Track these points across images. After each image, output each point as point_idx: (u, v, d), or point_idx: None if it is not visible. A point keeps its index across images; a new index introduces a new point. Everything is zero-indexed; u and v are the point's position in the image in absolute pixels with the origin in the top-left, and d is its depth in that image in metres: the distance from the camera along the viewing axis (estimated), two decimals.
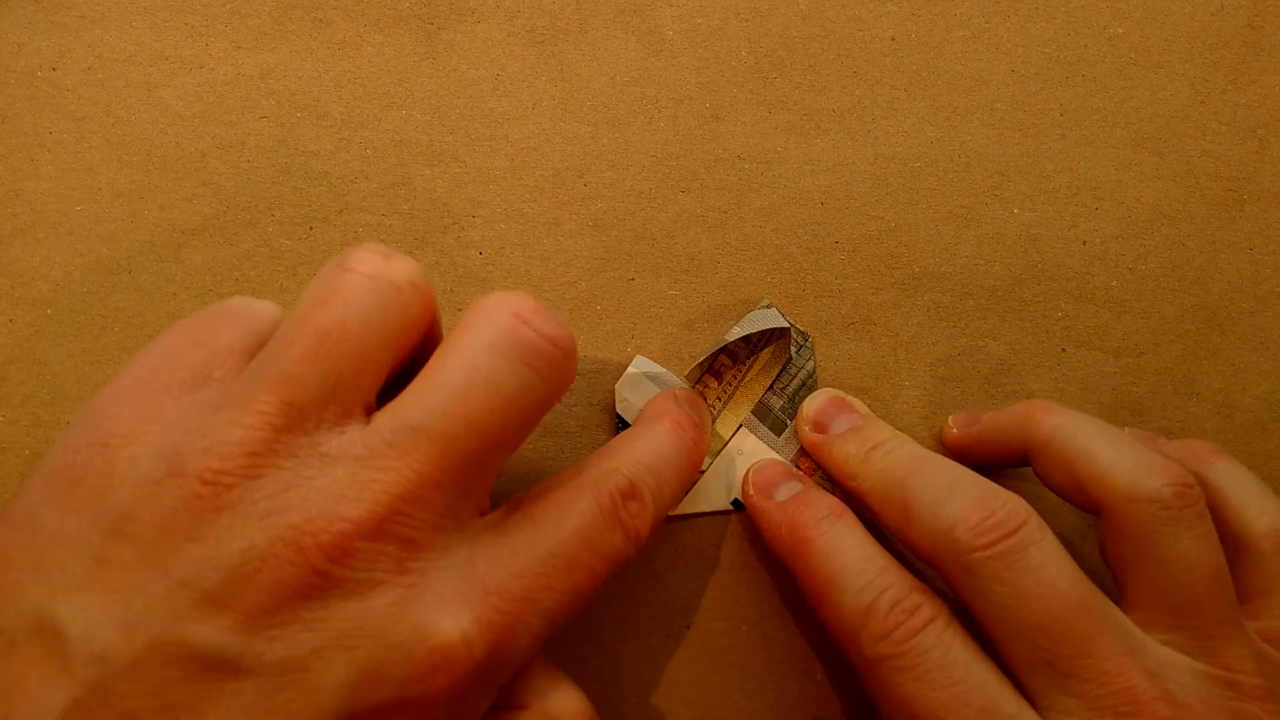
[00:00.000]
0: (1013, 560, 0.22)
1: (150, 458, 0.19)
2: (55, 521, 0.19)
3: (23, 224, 0.29)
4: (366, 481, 0.19)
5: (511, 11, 0.32)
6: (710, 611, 0.27)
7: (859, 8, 0.32)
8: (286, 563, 0.18)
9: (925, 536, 0.24)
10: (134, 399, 0.20)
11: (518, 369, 0.20)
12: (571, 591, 0.21)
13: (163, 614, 0.17)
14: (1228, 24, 0.32)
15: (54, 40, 0.31)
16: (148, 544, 0.18)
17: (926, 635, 0.22)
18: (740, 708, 0.27)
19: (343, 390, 0.20)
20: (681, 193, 0.30)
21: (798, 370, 0.29)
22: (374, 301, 0.20)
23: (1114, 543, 0.24)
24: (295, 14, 0.31)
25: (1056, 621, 0.22)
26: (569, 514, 0.21)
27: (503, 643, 0.19)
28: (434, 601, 0.19)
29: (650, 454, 0.24)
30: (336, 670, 0.18)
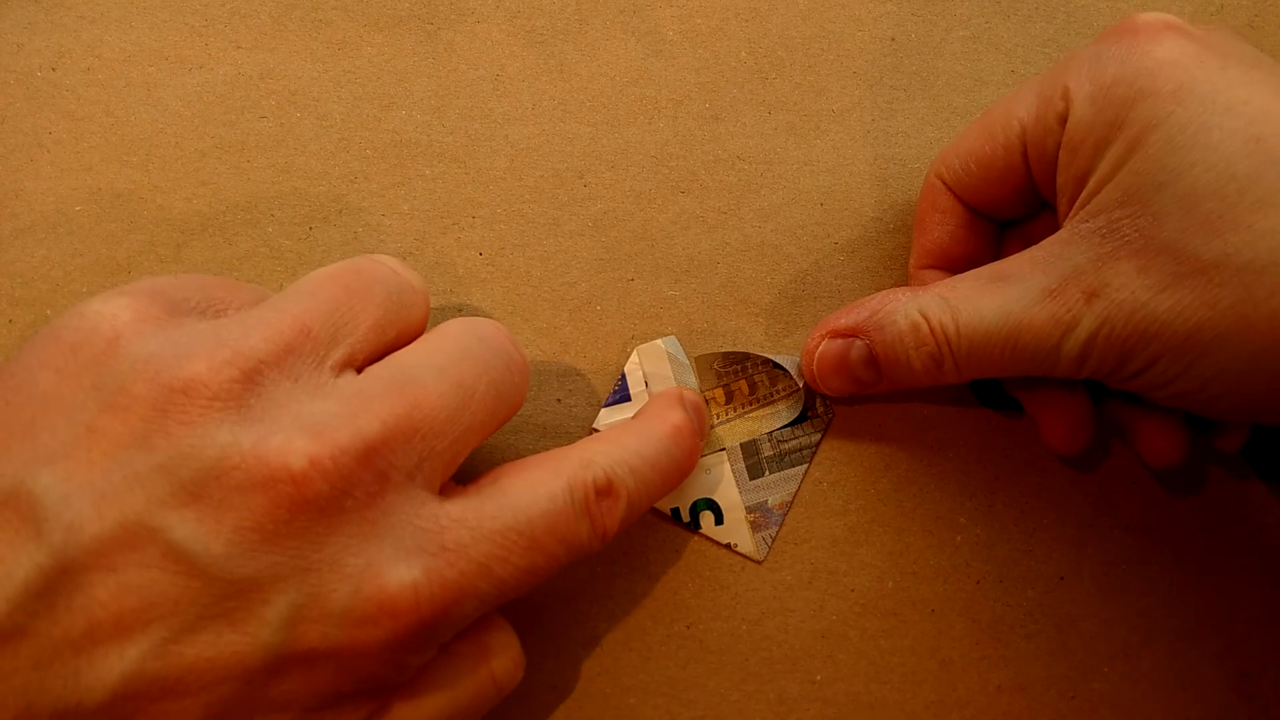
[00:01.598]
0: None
1: (160, 340, 0.19)
2: (52, 383, 0.19)
3: (22, 224, 0.29)
4: (358, 411, 0.19)
5: (511, 11, 0.32)
6: (710, 611, 0.27)
7: (859, 8, 0.32)
8: (265, 466, 0.18)
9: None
10: (151, 295, 0.21)
11: (499, 361, 0.22)
12: (527, 569, 0.21)
13: (138, 495, 0.18)
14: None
15: (54, 40, 0.31)
16: (139, 421, 0.18)
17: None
18: (740, 708, 0.27)
19: (354, 340, 0.21)
20: (681, 193, 0.30)
21: (803, 435, 0.28)
22: (394, 287, 0.22)
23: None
24: (295, 14, 0.31)
25: None
26: (541, 495, 0.22)
27: (450, 602, 0.20)
28: (393, 545, 0.19)
29: (639, 455, 0.24)
30: (287, 588, 0.18)
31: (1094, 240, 0.22)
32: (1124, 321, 0.22)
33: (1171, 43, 0.22)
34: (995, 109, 0.26)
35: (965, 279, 0.25)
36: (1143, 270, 0.22)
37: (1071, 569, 0.28)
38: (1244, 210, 0.20)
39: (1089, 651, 0.27)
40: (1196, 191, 0.21)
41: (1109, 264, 0.22)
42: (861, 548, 0.28)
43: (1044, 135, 0.24)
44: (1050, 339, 0.23)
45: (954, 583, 0.27)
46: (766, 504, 0.28)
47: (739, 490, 0.28)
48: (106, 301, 0.20)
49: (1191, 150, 0.21)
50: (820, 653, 0.27)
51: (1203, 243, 0.21)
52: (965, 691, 0.27)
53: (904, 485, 0.28)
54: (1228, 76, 0.22)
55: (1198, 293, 0.21)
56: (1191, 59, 0.22)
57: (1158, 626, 0.27)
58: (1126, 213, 0.22)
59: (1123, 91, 0.22)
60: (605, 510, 0.22)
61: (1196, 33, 0.23)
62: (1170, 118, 0.21)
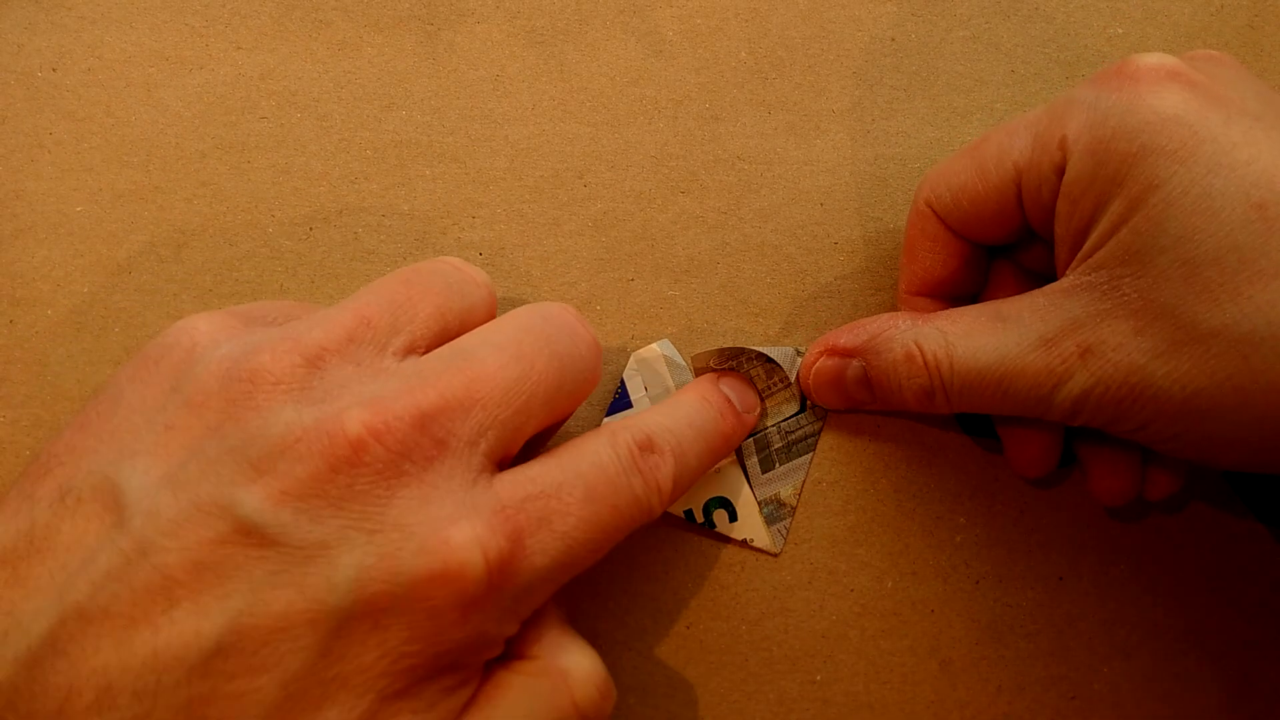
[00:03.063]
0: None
1: (232, 344, 0.21)
2: (137, 393, 0.21)
3: (23, 224, 0.29)
4: (417, 385, 0.20)
5: (511, 12, 0.32)
6: (710, 611, 0.27)
7: (859, 8, 0.32)
8: (325, 435, 0.19)
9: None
10: (228, 314, 0.23)
11: (564, 336, 0.23)
12: (591, 521, 0.21)
13: (210, 476, 0.19)
14: (1228, 24, 0.32)
15: (54, 41, 0.31)
16: (213, 414, 0.20)
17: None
18: (740, 708, 0.27)
19: (415, 328, 0.22)
20: (681, 193, 0.30)
21: (806, 424, 0.28)
22: (455, 279, 0.24)
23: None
24: (295, 15, 0.32)
25: None
26: (586, 453, 0.22)
27: (516, 556, 0.20)
28: (453, 504, 0.20)
29: (672, 417, 0.24)
30: (353, 550, 0.19)
31: (1093, 294, 0.22)
32: (1119, 383, 0.22)
33: (1174, 95, 0.22)
34: (988, 144, 0.25)
35: (966, 314, 0.25)
36: (1140, 332, 0.21)
37: (1071, 569, 0.28)
38: (1244, 280, 0.20)
39: (1089, 651, 0.27)
40: (1197, 258, 0.21)
41: (1107, 321, 0.22)
42: (861, 548, 0.28)
43: (1039, 182, 0.24)
44: (1042, 388, 0.23)
45: (954, 583, 0.27)
46: (779, 496, 0.28)
47: (751, 485, 0.28)
48: (188, 320, 0.22)
49: (1193, 215, 0.21)
50: (820, 653, 0.27)
51: (1202, 310, 0.21)
52: (965, 691, 0.27)
53: (904, 485, 0.28)
54: (1231, 134, 0.21)
55: (1195, 361, 0.21)
56: (1195, 114, 0.21)
57: (1158, 626, 0.27)
58: (1127, 271, 0.22)
59: (1123, 147, 0.22)
60: (653, 465, 0.23)
61: (1199, 79, 0.22)
62: (1172, 179, 0.21)
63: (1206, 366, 0.21)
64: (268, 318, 0.23)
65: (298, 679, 0.18)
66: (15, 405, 0.28)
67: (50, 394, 0.28)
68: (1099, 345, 0.22)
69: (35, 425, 0.28)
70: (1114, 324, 0.22)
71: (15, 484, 0.20)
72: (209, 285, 0.29)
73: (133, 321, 0.29)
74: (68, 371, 0.28)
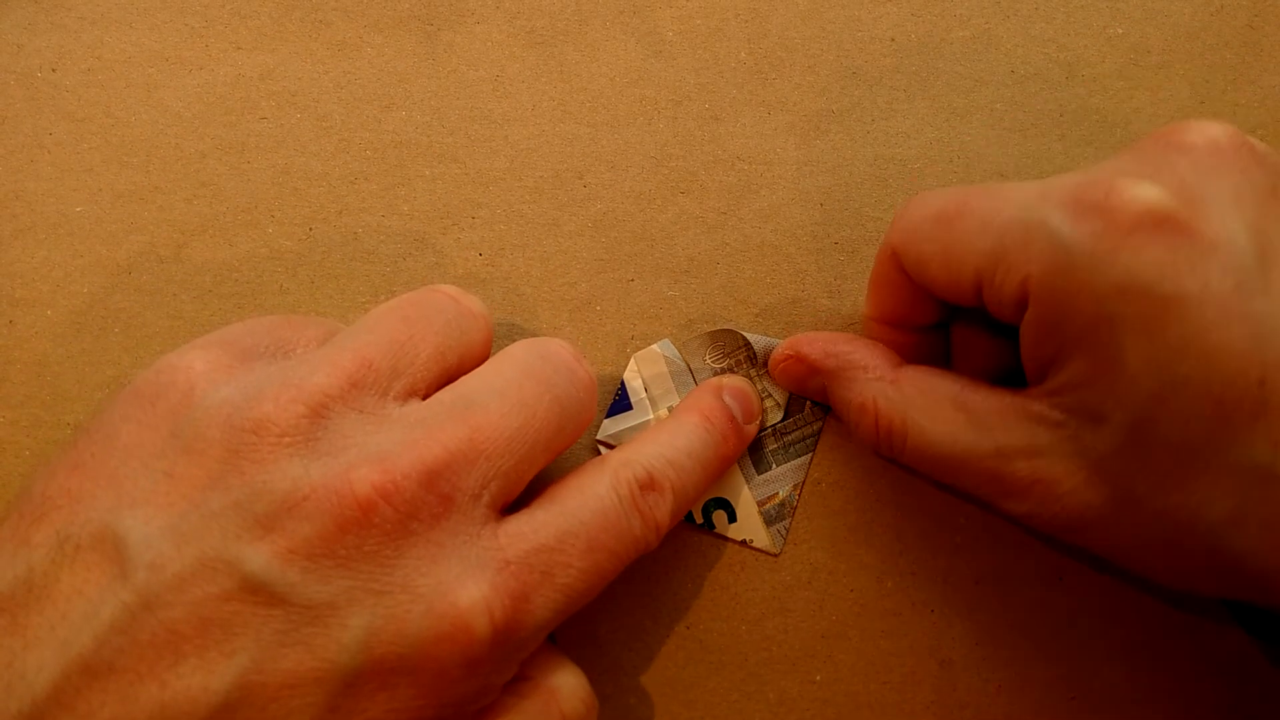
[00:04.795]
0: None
1: (231, 386, 0.20)
2: (133, 435, 0.20)
3: (23, 225, 0.29)
4: (421, 437, 0.20)
5: (511, 12, 0.32)
6: (710, 611, 0.27)
7: (859, 8, 0.32)
8: (334, 494, 0.19)
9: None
10: (222, 346, 0.22)
11: (562, 379, 0.23)
12: (591, 571, 0.22)
13: (215, 531, 0.19)
14: (1228, 24, 0.32)
15: (54, 41, 0.31)
16: (215, 462, 0.19)
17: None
18: (740, 708, 0.27)
19: (415, 370, 0.22)
20: (681, 194, 0.30)
21: (804, 425, 0.28)
22: (453, 314, 0.23)
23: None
24: (295, 15, 0.32)
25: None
26: (589, 498, 0.22)
27: (520, 612, 0.20)
28: (459, 564, 0.20)
29: (673, 447, 0.24)
30: (362, 611, 0.19)
31: (1054, 433, 0.22)
32: (1064, 522, 0.22)
33: (1153, 253, 0.20)
34: (960, 229, 0.23)
35: (932, 391, 0.25)
36: (1090, 486, 0.22)
37: (1071, 569, 0.28)
38: (1193, 474, 0.20)
39: (1089, 651, 0.27)
40: (1152, 440, 0.20)
41: (1062, 462, 0.22)
42: (861, 548, 0.28)
43: (998, 303, 0.23)
44: (989, 492, 0.23)
45: (954, 583, 0.27)
46: (778, 496, 0.28)
47: (749, 486, 0.28)
48: (181, 355, 0.21)
49: (1153, 400, 0.20)
50: (820, 653, 0.27)
51: (1148, 491, 0.21)
52: (965, 691, 0.27)
53: (904, 485, 0.28)
54: (1206, 310, 0.19)
55: (1135, 530, 0.21)
56: (1171, 283, 0.19)
57: (1158, 626, 0.27)
58: (1086, 427, 0.21)
59: (1089, 308, 0.20)
60: (653, 504, 0.23)
61: (1188, 220, 0.20)
62: (1137, 357, 0.20)
63: (1144, 536, 0.21)
64: (260, 346, 0.22)
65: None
66: (15, 405, 0.28)
67: (50, 394, 0.28)
68: (1052, 483, 0.22)
69: (35, 425, 0.28)
70: (1068, 468, 0.22)
71: (6, 522, 0.20)
72: (209, 285, 0.29)
73: (133, 322, 0.29)
74: (68, 371, 0.28)
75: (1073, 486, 0.22)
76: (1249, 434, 0.19)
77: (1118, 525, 0.22)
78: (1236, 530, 0.20)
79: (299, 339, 0.23)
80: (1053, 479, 0.22)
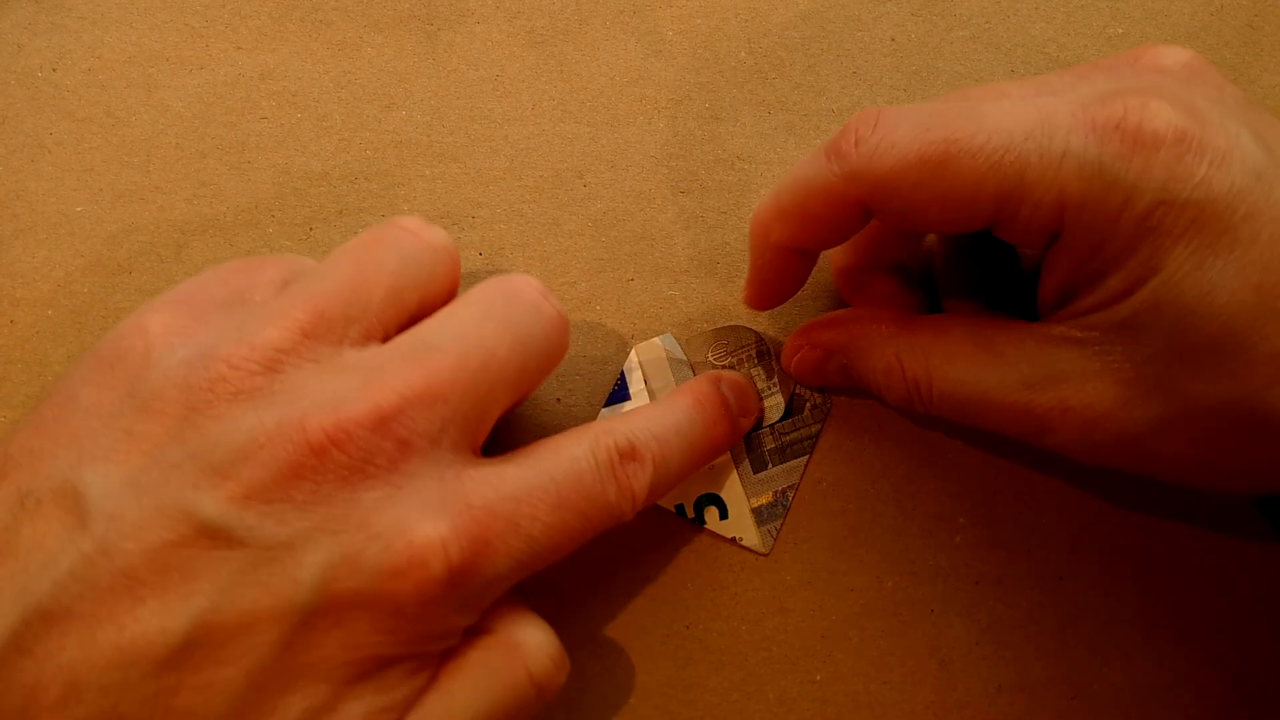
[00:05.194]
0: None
1: (187, 346, 0.21)
2: (93, 397, 0.21)
3: (23, 225, 0.29)
4: (378, 382, 0.20)
5: (511, 12, 0.32)
6: (710, 611, 0.27)
7: (859, 8, 0.32)
8: (288, 441, 0.19)
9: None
10: (179, 304, 0.22)
11: (526, 317, 0.22)
12: (558, 528, 0.21)
13: (172, 482, 0.19)
14: (1228, 24, 0.32)
15: (54, 41, 0.31)
16: (172, 420, 0.20)
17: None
18: (740, 708, 0.27)
19: (370, 315, 0.22)
20: (681, 193, 0.31)
21: (803, 426, 0.28)
22: (410, 250, 0.23)
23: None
24: (295, 15, 0.32)
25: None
26: (564, 456, 0.22)
27: (479, 556, 0.20)
28: (419, 505, 0.20)
29: (660, 422, 0.24)
30: (318, 550, 0.19)
31: (1082, 352, 0.22)
32: (1108, 444, 0.22)
33: (1183, 167, 0.20)
34: (956, 170, 0.22)
35: (951, 333, 0.24)
36: (1130, 403, 0.21)
37: (1071, 569, 0.28)
38: (1241, 365, 0.20)
39: (1089, 651, 0.27)
40: (1195, 342, 0.20)
41: (1093, 383, 0.22)
42: (861, 548, 0.28)
43: (1023, 233, 0.22)
44: (1023, 428, 0.23)
45: (954, 583, 0.27)
46: (771, 496, 0.28)
47: (743, 484, 0.28)
48: (140, 317, 0.22)
49: (1193, 300, 0.20)
50: (820, 653, 0.27)
51: (1197, 389, 0.21)
52: (965, 691, 0.27)
53: (904, 485, 0.28)
54: (1235, 208, 0.20)
55: (1189, 434, 0.21)
56: (1201, 190, 0.20)
57: (1158, 626, 0.27)
58: (1120, 340, 0.21)
59: (1128, 229, 0.21)
60: (631, 473, 0.23)
61: (1204, 135, 0.21)
62: (1174, 262, 0.20)
63: (1200, 440, 0.21)
64: (217, 297, 0.23)
65: (263, 670, 0.19)
66: (15, 405, 0.28)
67: None
68: (1085, 409, 0.22)
69: None
70: (1100, 387, 0.22)
71: None
72: None
73: None
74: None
75: (1110, 408, 0.22)
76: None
77: (1170, 437, 0.21)
78: None
79: (256, 284, 0.23)
80: (1085, 404, 0.22)
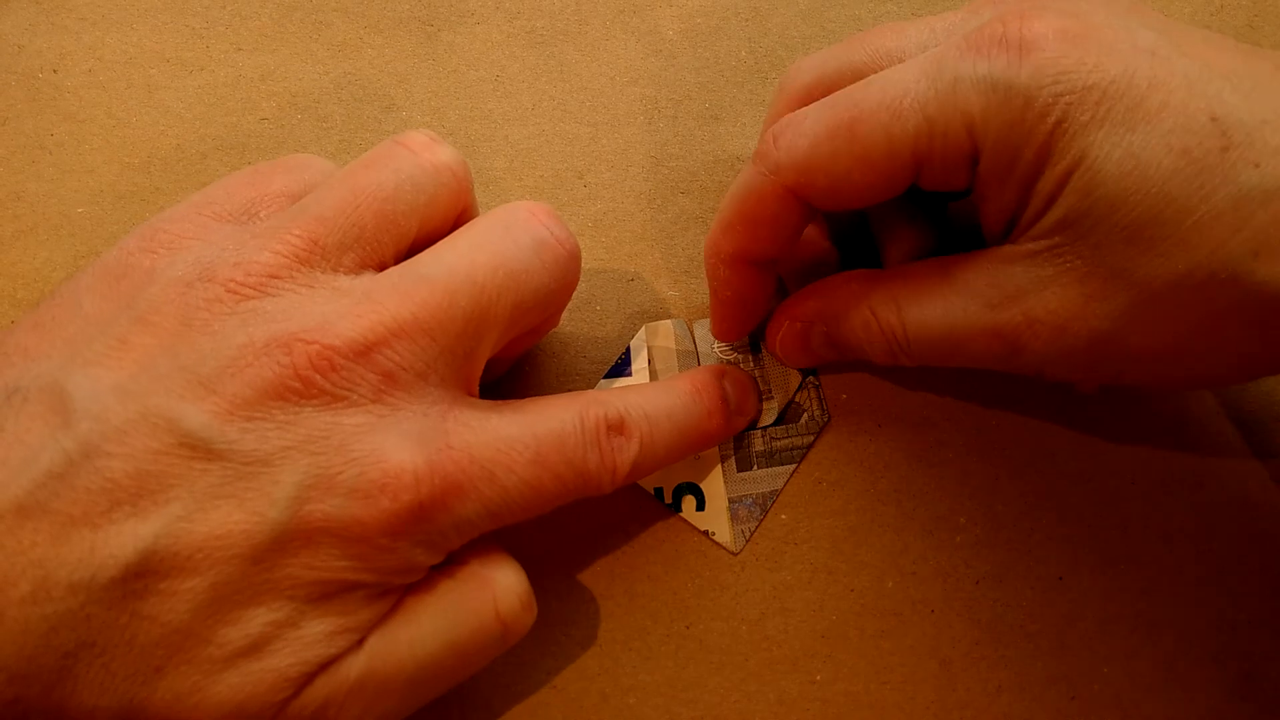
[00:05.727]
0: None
1: (187, 264, 0.21)
2: (94, 305, 0.21)
3: (24, 225, 0.30)
4: (366, 310, 0.21)
5: (511, 12, 0.32)
6: (710, 611, 0.27)
7: (859, 8, 0.32)
8: (274, 362, 0.20)
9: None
10: (187, 218, 0.23)
11: (524, 251, 0.22)
12: (531, 483, 0.22)
13: (159, 390, 0.20)
14: (1228, 24, 0.32)
15: (55, 42, 0.31)
16: (167, 334, 0.20)
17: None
18: (740, 708, 0.27)
19: (365, 241, 0.22)
20: (681, 194, 0.31)
21: (796, 435, 0.28)
22: (412, 172, 0.23)
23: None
24: (295, 16, 0.32)
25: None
26: (550, 417, 0.22)
27: (449, 496, 0.21)
28: (397, 435, 0.20)
29: (654, 403, 0.24)
30: (295, 469, 0.20)
31: (1035, 262, 0.22)
32: (1080, 352, 0.22)
33: (1070, 57, 0.21)
34: (866, 128, 0.22)
35: (915, 272, 0.25)
36: (1092, 297, 0.21)
37: (1071, 569, 0.28)
38: (1188, 230, 0.20)
39: (1089, 651, 0.27)
40: (1136, 220, 0.20)
41: (1050, 289, 0.22)
42: (861, 548, 0.28)
43: (945, 168, 0.23)
44: (996, 352, 0.23)
45: (954, 583, 0.27)
46: (750, 497, 0.28)
47: (724, 480, 0.28)
48: (150, 230, 0.22)
49: (1121, 179, 0.20)
50: (820, 653, 0.27)
51: (1153, 267, 0.20)
52: (965, 691, 0.27)
53: (904, 485, 0.28)
54: (1136, 82, 0.20)
55: (1160, 321, 0.21)
56: (1097, 72, 0.20)
57: (1158, 626, 0.27)
58: (1066, 240, 0.21)
59: (1039, 127, 0.21)
60: (616, 447, 0.23)
61: (1082, 27, 0.21)
62: (1093, 147, 0.20)
63: (1171, 322, 0.21)
64: (224, 211, 0.23)
65: (229, 582, 0.19)
66: None
67: None
68: (1046, 315, 0.22)
69: None
70: (1060, 292, 0.22)
71: None
72: None
73: None
74: None
75: (1074, 311, 0.22)
76: (1225, 166, 0.20)
77: (1139, 325, 0.21)
78: (1259, 260, 0.20)
79: (265, 196, 0.23)
80: (1048, 311, 0.22)
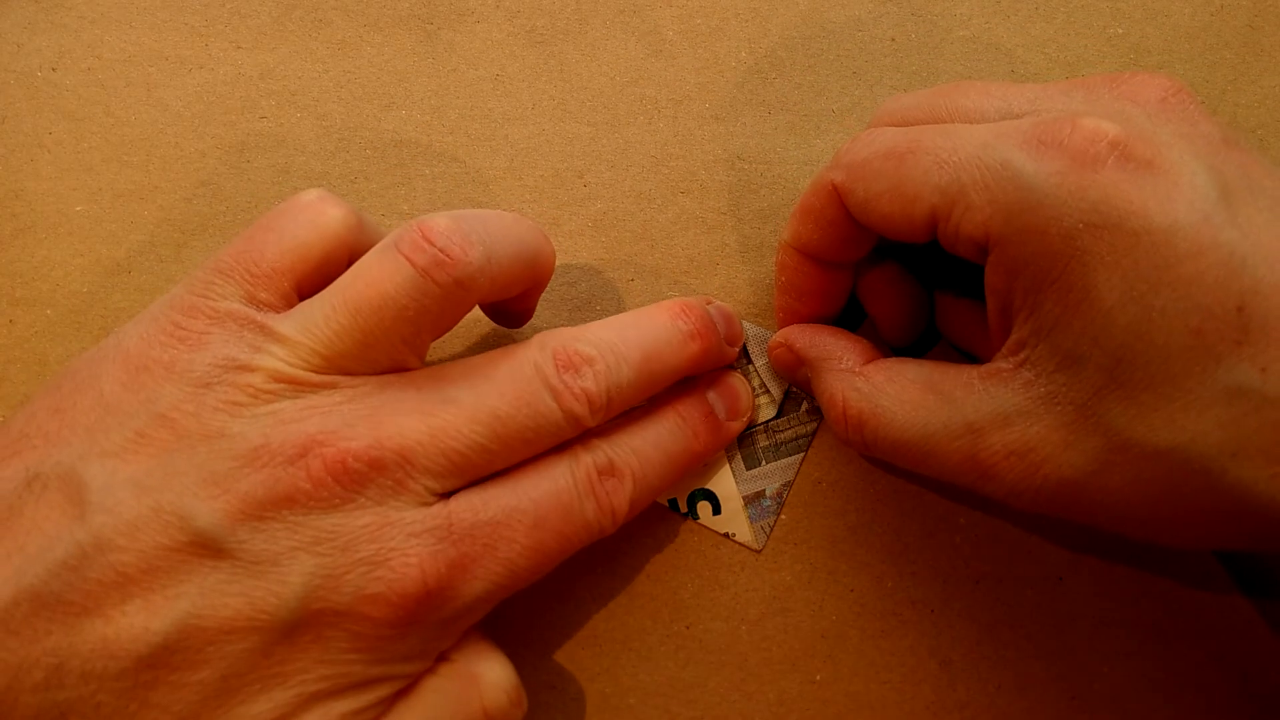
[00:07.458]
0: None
1: (207, 364, 0.22)
2: (115, 394, 0.21)
3: (23, 224, 0.29)
4: (386, 420, 0.21)
5: (511, 11, 0.32)
6: (710, 611, 0.27)
7: (859, 8, 0.32)
8: (288, 463, 0.20)
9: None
10: (201, 310, 0.22)
11: (547, 381, 0.23)
12: (535, 549, 0.22)
13: (174, 486, 0.20)
14: (1228, 24, 0.32)
15: (54, 40, 0.31)
16: (184, 431, 0.21)
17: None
18: (740, 708, 0.27)
19: (374, 352, 0.22)
20: (681, 194, 0.30)
21: (798, 425, 0.28)
22: (414, 292, 0.22)
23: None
24: (295, 14, 0.32)
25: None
26: (543, 477, 0.23)
27: (457, 580, 0.21)
28: (403, 534, 0.21)
29: (640, 436, 0.25)
30: (303, 570, 0.20)
31: (1025, 390, 0.21)
32: (1051, 493, 0.21)
33: (1116, 186, 0.20)
34: (912, 166, 0.22)
35: (902, 374, 0.24)
36: (1071, 445, 0.21)
37: (1071, 569, 0.28)
38: (1179, 409, 0.19)
39: (1089, 651, 0.27)
40: (1133, 379, 0.20)
41: (1036, 425, 0.21)
42: (861, 548, 0.28)
43: (955, 240, 0.22)
44: (965, 472, 0.22)
45: (954, 583, 0.27)
46: (764, 493, 0.28)
47: (735, 481, 0.28)
48: (169, 324, 0.22)
49: (1130, 335, 0.19)
50: (820, 653, 0.27)
51: (1137, 430, 0.20)
52: (965, 691, 0.27)
53: (904, 485, 0.28)
54: (1176, 243, 0.19)
55: (1127, 476, 0.20)
56: (1137, 214, 0.19)
57: (1158, 626, 0.27)
58: (1060, 373, 0.21)
59: (1057, 246, 0.20)
60: (611, 490, 0.24)
61: (1144, 152, 0.20)
62: (1110, 291, 0.19)
63: (1140, 486, 0.20)
64: (229, 294, 0.22)
65: (238, 674, 0.20)
66: (15, 405, 0.28)
67: None
68: (1028, 453, 0.21)
69: None
70: (1043, 431, 0.21)
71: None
72: None
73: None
74: None
75: (1051, 451, 0.21)
76: (1233, 360, 0.19)
77: (1109, 481, 0.20)
78: (1236, 461, 0.19)
79: (272, 289, 0.23)
80: (1028, 447, 0.21)
